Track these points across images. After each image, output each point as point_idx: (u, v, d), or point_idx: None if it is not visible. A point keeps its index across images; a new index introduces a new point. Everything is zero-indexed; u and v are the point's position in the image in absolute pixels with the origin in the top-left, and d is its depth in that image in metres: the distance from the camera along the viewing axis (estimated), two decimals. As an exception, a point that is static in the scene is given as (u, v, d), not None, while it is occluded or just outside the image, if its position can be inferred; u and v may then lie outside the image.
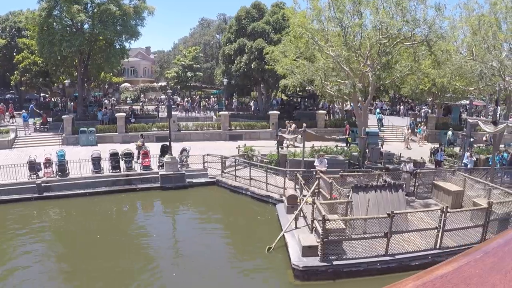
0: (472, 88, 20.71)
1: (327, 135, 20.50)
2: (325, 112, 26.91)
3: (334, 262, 10.11)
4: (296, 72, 17.36)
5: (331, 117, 28.43)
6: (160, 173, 18.79)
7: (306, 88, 18.67)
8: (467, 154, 21.59)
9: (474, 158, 21.06)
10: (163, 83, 36.71)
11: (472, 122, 16.55)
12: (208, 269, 11.01)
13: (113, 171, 18.95)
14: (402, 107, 35.39)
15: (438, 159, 19.75)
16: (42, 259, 11.68)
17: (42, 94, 38.41)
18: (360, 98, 18.87)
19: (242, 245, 13.17)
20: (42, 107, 33.07)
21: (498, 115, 13.69)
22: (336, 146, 19.83)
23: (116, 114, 26.28)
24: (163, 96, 33.50)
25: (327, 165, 15.43)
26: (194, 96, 35.83)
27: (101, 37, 27.47)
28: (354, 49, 15.52)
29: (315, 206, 11.49)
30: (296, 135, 20.14)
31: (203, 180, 18.87)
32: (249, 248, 12.76)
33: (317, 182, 13.44)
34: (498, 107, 13.76)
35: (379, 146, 18.71)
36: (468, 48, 19.05)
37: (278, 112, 25.80)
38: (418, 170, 15.70)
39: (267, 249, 11.68)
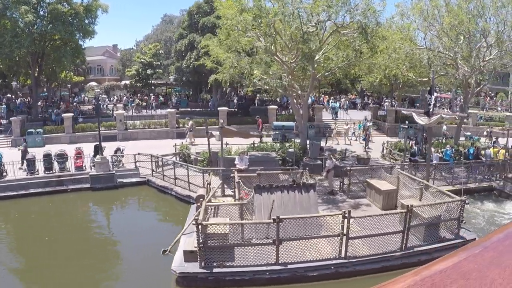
0: (426, 79, 19.36)
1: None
2: (276, 107, 25.75)
3: (215, 270, 9.09)
4: (225, 66, 16.29)
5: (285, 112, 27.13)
6: (90, 173, 18.12)
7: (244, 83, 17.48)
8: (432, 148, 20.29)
9: (440, 154, 19.73)
10: (128, 81, 35.99)
11: (406, 113, 15.22)
12: (93, 269, 10.59)
13: (46, 172, 18.44)
14: (359, 100, 33.97)
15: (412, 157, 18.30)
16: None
17: (8, 95, 37.98)
18: (299, 92, 17.69)
19: (140, 247, 12.22)
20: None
21: (432, 106, 12.38)
22: (279, 142, 18.72)
23: (63, 115, 25.59)
24: (128, 95, 32.91)
25: (248, 164, 14.34)
26: (160, 94, 35.08)
27: (56, 37, 26.83)
28: (273, 39, 14.33)
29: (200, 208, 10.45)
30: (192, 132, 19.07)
31: (134, 180, 18.25)
32: (146, 250, 11.82)
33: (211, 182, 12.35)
34: (432, 96, 12.43)
35: (319, 142, 17.50)
36: (415, 36, 17.81)
37: (227, 109, 24.83)
38: (349, 168, 14.46)
39: (162, 252, 10.92)
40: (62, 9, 24.91)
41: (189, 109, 29.08)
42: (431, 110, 12.13)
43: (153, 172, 17.88)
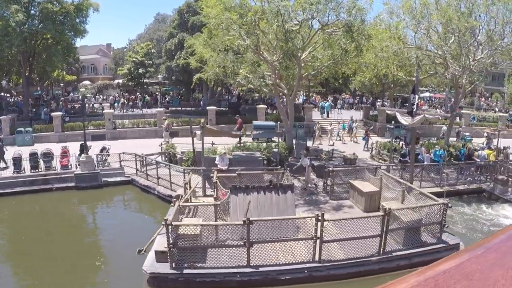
0: (413, 78, 19.02)
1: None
2: (265, 106, 25.44)
3: (185, 271, 8.92)
4: (209, 65, 16.05)
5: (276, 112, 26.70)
6: (75, 172, 18.04)
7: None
8: (423, 149, 19.90)
9: (431, 155, 19.35)
10: (121, 80, 35.84)
11: (391, 113, 14.91)
12: (68, 269, 10.42)
13: (33, 171, 18.42)
14: (351, 100, 33.54)
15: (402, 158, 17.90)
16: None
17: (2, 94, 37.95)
18: (285, 91, 17.41)
19: (117, 247, 12.10)
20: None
21: (415, 104, 12.07)
22: (267, 141, 18.46)
23: (52, 114, 25.45)
24: (116, 94, 32.72)
25: (228, 163, 14.10)
26: (154, 93, 34.89)
27: (49, 36, 26.74)
28: (256, 37, 14.06)
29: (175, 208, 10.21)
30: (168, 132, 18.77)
31: (118, 179, 18.12)
32: (123, 250, 11.64)
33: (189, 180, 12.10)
34: (416, 96, 12.12)
35: (305, 142, 17.20)
36: (405, 34, 17.50)
37: (215, 108, 24.59)
38: (331, 168, 14.16)
39: (138, 252, 10.61)
40: (52, 8, 24.83)
41: (180, 108, 28.84)
42: (414, 109, 11.81)
43: (137, 172, 17.77)
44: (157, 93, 34.71)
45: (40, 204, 16.95)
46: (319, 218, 9.01)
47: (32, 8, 26.36)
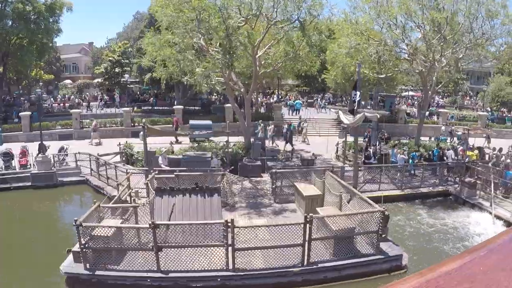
0: (383, 76, 18.24)
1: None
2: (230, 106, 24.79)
3: (97, 272, 8.79)
4: (158, 64, 15.62)
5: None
6: (31, 172, 17.94)
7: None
8: (396, 150, 19.07)
9: (405, 156, 18.51)
10: (100, 79, 35.50)
11: (335, 112, 14.23)
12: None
13: (-6, 170, 18.49)
14: (317, 99, 32.67)
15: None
16: None
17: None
18: (242, 90, 16.81)
19: (52, 246, 11.68)
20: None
21: (356, 102, 11.38)
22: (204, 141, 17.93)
23: (20, 114, 25.26)
24: (95, 94, 32.52)
25: (167, 164, 13.62)
26: (132, 92, 34.48)
27: (24, 35, 26.52)
28: (208, 35, 13.52)
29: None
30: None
31: (74, 179, 17.98)
32: (56, 249, 11.22)
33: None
34: (358, 92, 11.41)
35: (260, 142, 16.56)
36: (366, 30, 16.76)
37: (182, 107, 24.13)
38: (275, 170, 13.51)
39: (67, 251, 10.33)
40: (23, 8, 24.61)
41: (156, 107, 28.42)
42: (355, 108, 11.12)
43: (92, 172, 17.54)
44: (138, 92, 34.38)
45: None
46: (229, 224, 8.43)
47: (4, 8, 26.17)
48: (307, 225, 8.79)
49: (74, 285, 8.95)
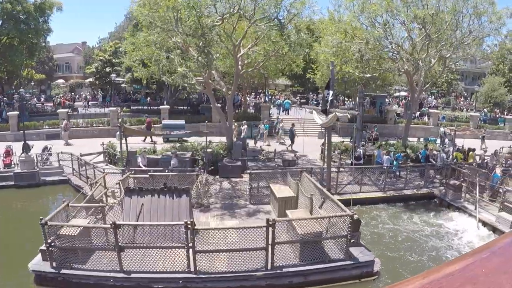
0: (369, 75, 17.98)
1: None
2: (220, 106, 24.58)
3: (63, 271, 8.91)
4: (136, 64, 15.49)
5: (238, 110, 26.06)
6: (14, 171, 18.00)
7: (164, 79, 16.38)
8: (382, 151, 18.78)
9: (390, 157, 18.18)
10: (92, 79, 35.45)
11: (309, 111, 14.01)
12: None
13: (-21, 169, 18.56)
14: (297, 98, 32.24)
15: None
16: None
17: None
18: (224, 90, 16.62)
19: (25, 245, 11.55)
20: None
21: (329, 101, 11.15)
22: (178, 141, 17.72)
23: (8, 113, 25.23)
24: (82, 93, 32.45)
25: (145, 164, 13.46)
26: (122, 91, 34.43)
27: (14, 35, 26.53)
28: (184, 34, 13.34)
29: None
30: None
31: (56, 178, 18.07)
32: (28, 248, 11.11)
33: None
34: (330, 91, 11.19)
35: (240, 142, 16.34)
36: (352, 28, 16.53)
37: (168, 107, 24.03)
38: (250, 171, 13.30)
39: (39, 250, 10.27)
40: (11, 8, 24.63)
41: (146, 107, 28.33)
42: (328, 107, 10.90)
43: (73, 171, 17.53)
44: (131, 92, 34.33)
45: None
46: (189, 225, 8.26)
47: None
48: (270, 228, 8.59)
49: (42, 283, 9.05)
